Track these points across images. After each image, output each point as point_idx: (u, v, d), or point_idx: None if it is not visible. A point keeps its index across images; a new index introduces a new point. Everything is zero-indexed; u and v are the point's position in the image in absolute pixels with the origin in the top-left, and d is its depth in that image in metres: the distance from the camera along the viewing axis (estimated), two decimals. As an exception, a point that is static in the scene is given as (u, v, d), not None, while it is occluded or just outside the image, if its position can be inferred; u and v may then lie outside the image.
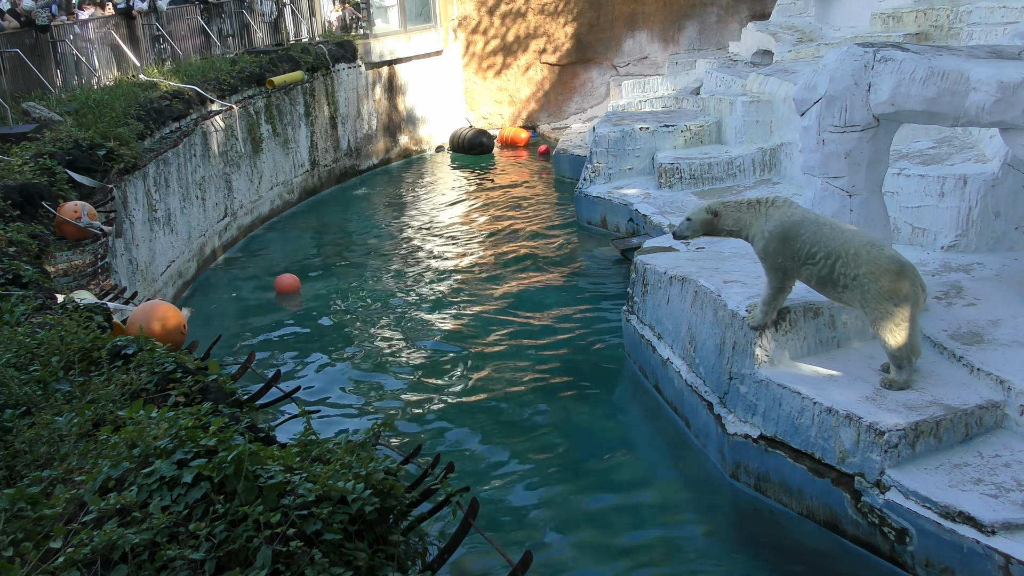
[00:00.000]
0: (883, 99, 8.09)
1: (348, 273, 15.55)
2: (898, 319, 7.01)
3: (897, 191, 10.29)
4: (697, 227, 7.87)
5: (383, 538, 4.06)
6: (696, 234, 7.95)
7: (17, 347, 5.66)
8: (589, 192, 16.65)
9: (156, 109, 15.21)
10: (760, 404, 7.78)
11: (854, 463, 6.93)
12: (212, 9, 21.45)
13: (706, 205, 7.85)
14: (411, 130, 25.89)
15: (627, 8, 25.86)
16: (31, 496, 3.81)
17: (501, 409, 10.11)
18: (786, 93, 14.52)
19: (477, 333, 12.36)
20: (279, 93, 20.19)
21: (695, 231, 7.91)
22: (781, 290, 7.62)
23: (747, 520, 7.75)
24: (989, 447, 6.89)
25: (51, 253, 9.49)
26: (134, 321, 6.84)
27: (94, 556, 3.45)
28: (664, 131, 16.74)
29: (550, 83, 26.84)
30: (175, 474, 3.83)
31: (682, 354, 9.23)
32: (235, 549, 3.55)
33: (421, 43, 25.63)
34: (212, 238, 16.73)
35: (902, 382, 7.30)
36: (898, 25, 15.55)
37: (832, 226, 7.36)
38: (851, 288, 7.13)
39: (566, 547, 7.55)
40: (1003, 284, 8.92)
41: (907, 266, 7.05)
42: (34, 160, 11.03)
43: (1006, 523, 6.04)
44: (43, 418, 4.77)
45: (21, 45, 14.98)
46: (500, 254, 16.01)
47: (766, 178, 15.27)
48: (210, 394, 5.29)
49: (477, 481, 8.44)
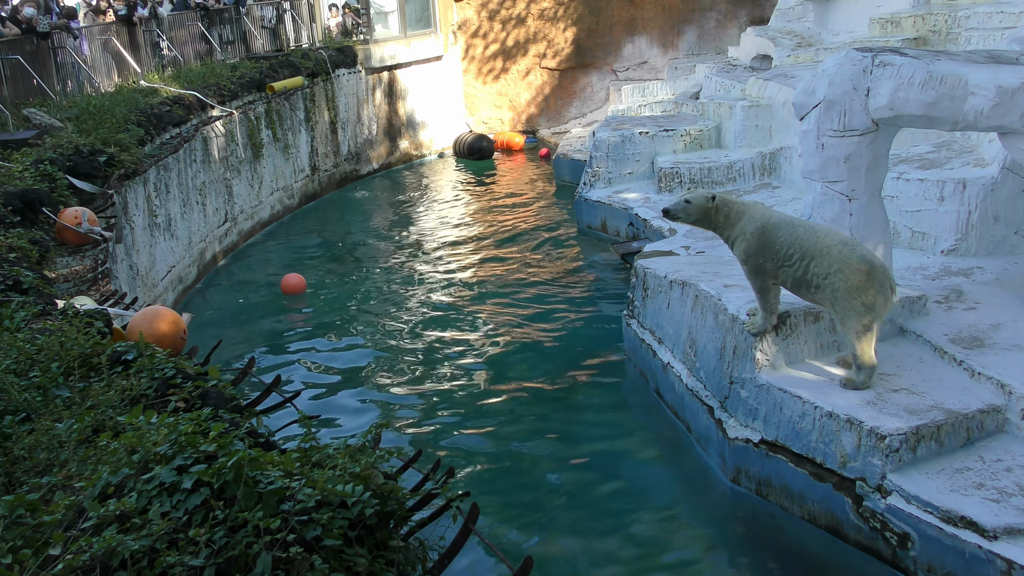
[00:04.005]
0: (882, 104, 8.10)
1: (348, 277, 15.55)
2: (865, 318, 7.02)
3: (897, 195, 10.31)
4: (693, 212, 7.66)
5: (383, 544, 4.06)
6: (689, 218, 7.71)
7: (17, 353, 5.64)
8: (589, 196, 16.65)
9: (157, 115, 15.21)
10: (761, 408, 7.77)
11: (855, 467, 6.91)
12: (213, 15, 21.49)
13: (708, 193, 7.74)
14: (411, 135, 25.92)
15: (626, 13, 25.92)
16: (30, 503, 3.81)
17: (501, 414, 10.10)
18: (785, 97, 14.54)
19: (477, 337, 12.36)
20: (279, 98, 20.22)
21: (689, 215, 7.68)
22: (765, 290, 7.60)
23: (748, 525, 7.73)
24: (990, 451, 6.87)
25: (51, 259, 9.49)
26: (134, 327, 6.82)
27: (93, 563, 3.44)
28: (664, 135, 16.76)
29: (550, 88, 26.88)
30: (175, 480, 3.82)
31: (683, 358, 9.23)
32: (235, 555, 3.54)
33: (421, 48, 25.66)
34: (213, 243, 16.74)
35: (859, 382, 7.31)
36: (896, 30, 15.58)
37: (806, 227, 7.37)
38: (823, 288, 7.13)
39: (567, 552, 7.54)
40: (1003, 288, 8.92)
41: (877, 266, 7.06)
42: (35, 166, 11.02)
43: (1008, 528, 6.02)
44: (43, 424, 4.75)
45: (22, 52, 15.00)
46: (500, 258, 16.01)
47: (766, 182, 15.27)
48: (210, 400, 5.28)
49: (478, 486, 8.42)
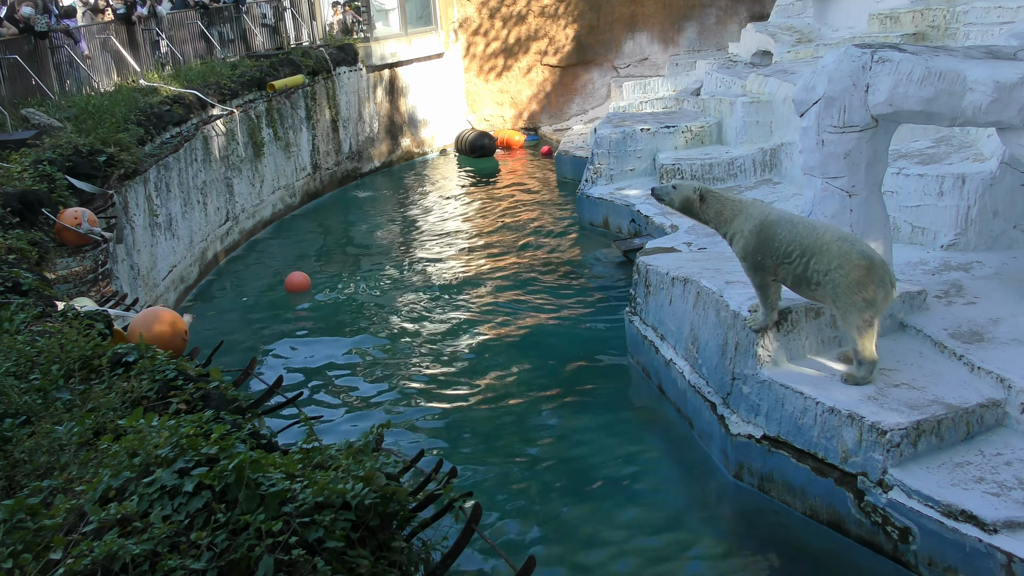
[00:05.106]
0: (881, 100, 8.09)
1: (349, 276, 15.55)
2: (866, 314, 7.04)
3: (896, 190, 10.31)
4: (676, 199, 7.78)
5: (386, 545, 4.06)
6: (673, 205, 7.83)
7: (17, 355, 5.62)
8: (591, 193, 16.65)
9: (156, 114, 15.21)
10: (763, 404, 7.78)
11: (857, 462, 6.92)
12: (212, 14, 21.48)
13: (696, 185, 7.82)
14: (413, 132, 25.90)
15: (627, 10, 25.89)
16: (31, 506, 3.80)
17: (503, 412, 10.10)
18: (786, 93, 14.51)
19: (480, 335, 12.36)
20: (280, 97, 20.21)
21: (672, 201, 7.81)
22: (765, 287, 7.61)
23: (750, 520, 7.74)
24: (990, 445, 6.88)
25: (51, 260, 9.48)
26: (135, 328, 6.82)
27: (94, 567, 3.44)
28: (665, 132, 16.74)
29: (551, 85, 26.85)
30: (176, 483, 3.81)
31: (685, 355, 9.23)
32: (237, 558, 3.53)
33: (422, 46, 25.64)
34: (214, 242, 16.74)
35: (860, 377, 7.32)
36: (895, 25, 15.58)
37: (805, 224, 7.38)
38: (823, 284, 7.14)
39: (569, 551, 7.54)
40: (1003, 282, 8.93)
41: (877, 261, 7.06)
42: (34, 167, 11.02)
43: (1008, 521, 6.03)
44: (43, 427, 4.74)
45: (20, 51, 15.00)
46: (502, 256, 16.01)
47: (767, 178, 15.26)
48: (211, 401, 5.28)
49: (480, 486, 8.42)
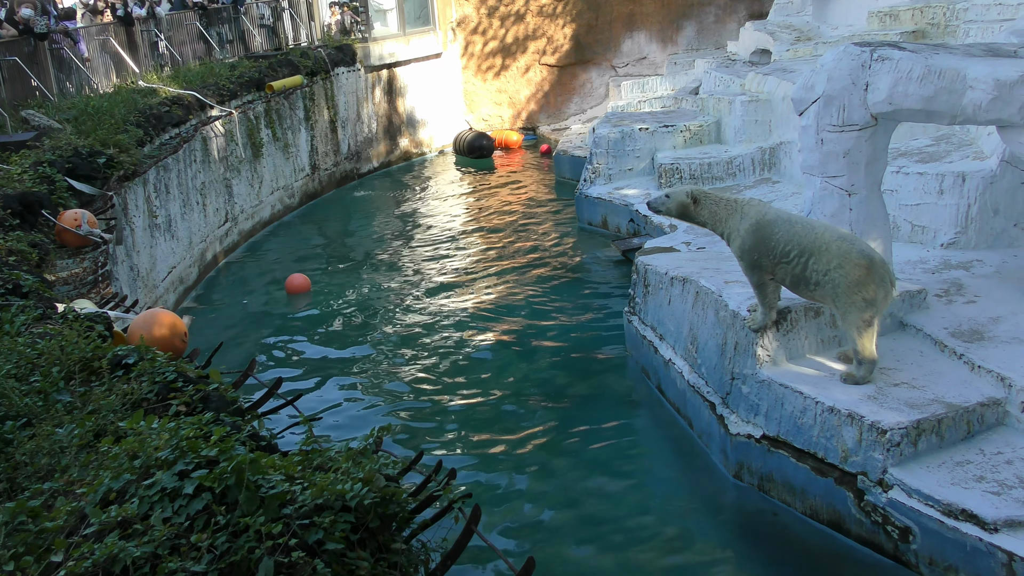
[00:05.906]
0: (881, 98, 8.09)
1: (348, 277, 15.55)
2: (866, 313, 7.03)
3: (896, 189, 10.30)
4: (672, 206, 7.81)
5: (385, 546, 4.06)
6: (670, 213, 7.86)
7: (17, 358, 5.63)
8: (589, 193, 16.65)
9: (155, 115, 15.22)
10: (762, 404, 7.78)
11: (857, 462, 6.92)
12: (211, 15, 21.47)
13: (688, 188, 7.82)
14: (411, 133, 25.90)
15: (625, 9, 25.89)
16: (32, 509, 3.80)
17: (502, 413, 10.10)
18: (785, 92, 14.51)
19: (479, 335, 12.36)
20: (279, 98, 20.22)
21: (669, 210, 7.84)
22: (763, 286, 7.61)
23: (750, 520, 7.74)
24: (991, 444, 6.88)
25: (51, 262, 9.48)
26: (135, 330, 6.81)
27: (95, 569, 3.45)
28: (664, 131, 16.75)
29: (549, 84, 26.85)
30: (176, 485, 3.82)
31: (684, 355, 9.23)
32: (237, 560, 3.54)
33: (420, 46, 25.64)
34: (213, 243, 16.75)
35: (860, 377, 7.32)
36: (895, 23, 15.58)
37: (804, 223, 7.37)
38: (823, 284, 7.12)
39: (569, 552, 7.54)
40: (1003, 281, 8.92)
41: (877, 260, 7.05)
42: (33, 168, 11.02)
43: (1009, 520, 6.03)
44: (44, 429, 4.74)
45: (19, 53, 14.99)
46: (501, 256, 16.01)
47: (766, 177, 15.26)
48: (211, 403, 5.28)
49: (479, 487, 8.42)
